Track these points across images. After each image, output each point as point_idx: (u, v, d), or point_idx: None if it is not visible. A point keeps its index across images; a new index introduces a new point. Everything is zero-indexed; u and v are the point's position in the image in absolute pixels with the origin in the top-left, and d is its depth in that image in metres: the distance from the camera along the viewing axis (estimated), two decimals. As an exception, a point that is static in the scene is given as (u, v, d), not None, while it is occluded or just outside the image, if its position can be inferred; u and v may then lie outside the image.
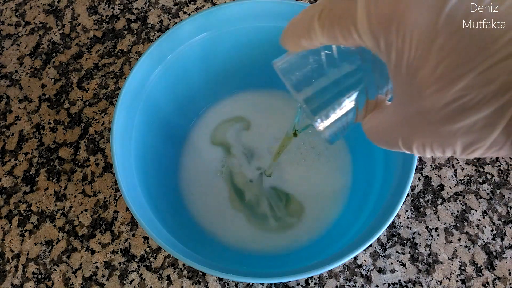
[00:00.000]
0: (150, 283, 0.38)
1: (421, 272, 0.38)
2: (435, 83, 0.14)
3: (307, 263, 0.29)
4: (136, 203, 0.30)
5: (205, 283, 0.38)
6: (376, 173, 0.36)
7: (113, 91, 0.46)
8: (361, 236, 0.29)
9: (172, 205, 0.39)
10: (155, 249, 0.39)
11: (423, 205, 0.40)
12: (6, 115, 0.46)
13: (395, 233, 0.39)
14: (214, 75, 0.41)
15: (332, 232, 0.38)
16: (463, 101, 0.14)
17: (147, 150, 0.36)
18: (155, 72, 0.35)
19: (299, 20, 0.19)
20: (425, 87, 0.15)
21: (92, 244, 0.40)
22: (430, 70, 0.14)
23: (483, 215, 0.40)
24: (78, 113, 0.45)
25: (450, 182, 0.41)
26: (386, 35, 0.15)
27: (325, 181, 0.41)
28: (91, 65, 0.48)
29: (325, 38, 0.18)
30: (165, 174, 0.40)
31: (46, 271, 0.39)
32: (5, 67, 0.48)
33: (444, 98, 0.14)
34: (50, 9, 0.51)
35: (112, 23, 0.50)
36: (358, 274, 0.38)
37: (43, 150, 0.44)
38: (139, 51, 0.48)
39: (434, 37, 0.14)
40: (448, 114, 0.15)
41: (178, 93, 0.39)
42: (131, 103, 0.33)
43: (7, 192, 0.43)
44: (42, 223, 0.41)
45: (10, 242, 0.41)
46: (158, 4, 0.50)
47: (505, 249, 0.38)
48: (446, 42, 0.14)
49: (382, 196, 0.32)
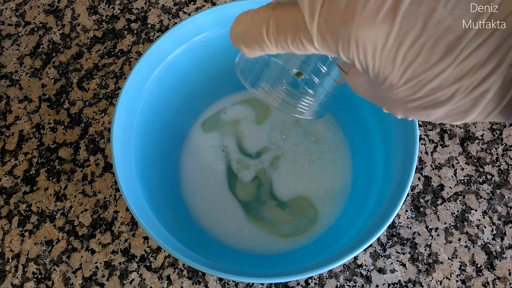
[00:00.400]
0: (150, 283, 0.38)
1: (421, 272, 0.38)
2: (405, 85, 0.15)
3: (307, 263, 0.29)
4: (136, 203, 0.30)
5: (205, 283, 0.38)
6: (376, 173, 0.36)
7: (113, 91, 0.46)
8: (361, 236, 0.29)
9: (172, 205, 0.39)
10: (155, 249, 0.39)
11: (423, 205, 0.40)
12: (6, 115, 0.46)
13: (395, 233, 0.39)
14: (214, 75, 0.41)
15: (332, 232, 0.38)
16: (434, 97, 0.15)
17: (147, 150, 0.36)
18: (155, 72, 0.35)
19: (246, 30, 0.18)
20: (396, 87, 0.15)
21: (92, 244, 0.40)
22: (398, 76, 0.15)
23: (483, 215, 0.40)
24: (78, 113, 0.45)
25: (450, 182, 0.41)
26: (344, 51, 0.15)
27: (325, 181, 0.41)
28: (91, 65, 0.48)
29: (280, 51, 0.17)
30: (165, 174, 0.40)
31: (46, 271, 0.39)
32: (5, 67, 0.48)
33: (416, 94, 0.15)
34: (50, 9, 0.51)
35: (112, 23, 0.50)
36: (358, 274, 0.38)
37: (43, 150, 0.44)
38: (139, 51, 0.48)
39: (397, 45, 0.14)
40: (421, 105, 0.15)
41: (178, 93, 0.39)
42: (131, 103, 0.33)
43: (7, 192, 0.43)
44: (42, 223, 0.41)
45: (10, 242, 0.41)
46: (158, 4, 0.50)
47: (505, 249, 0.38)
48: (409, 49, 0.14)
49: (382, 196, 0.32)
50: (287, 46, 0.16)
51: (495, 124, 0.43)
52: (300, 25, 0.15)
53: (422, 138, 0.43)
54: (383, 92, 0.16)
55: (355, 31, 0.14)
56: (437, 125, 0.43)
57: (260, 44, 0.17)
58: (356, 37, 0.14)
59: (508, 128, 0.43)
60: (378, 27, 0.14)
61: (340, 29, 0.14)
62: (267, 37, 0.17)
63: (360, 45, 0.14)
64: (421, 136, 0.43)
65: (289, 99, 0.22)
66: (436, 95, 0.14)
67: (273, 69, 0.21)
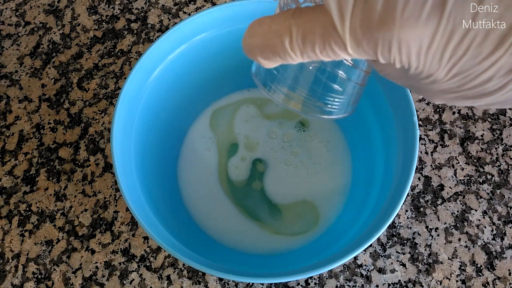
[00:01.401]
0: (150, 283, 0.38)
1: (421, 272, 0.38)
2: (452, 79, 0.14)
3: (307, 263, 0.29)
4: (136, 203, 0.30)
5: (205, 283, 0.38)
6: (376, 173, 0.36)
7: (113, 91, 0.46)
8: (361, 236, 0.29)
9: (172, 205, 0.39)
10: (155, 249, 0.39)
11: (423, 205, 0.40)
12: (6, 115, 0.46)
13: (395, 233, 0.39)
14: (214, 75, 0.41)
15: (332, 232, 0.38)
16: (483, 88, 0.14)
17: (147, 150, 0.36)
18: (155, 72, 0.35)
19: (264, 42, 0.16)
20: (440, 82, 0.14)
21: (92, 244, 0.40)
22: (444, 73, 0.14)
23: (483, 215, 0.40)
24: (78, 113, 0.45)
25: (450, 182, 0.41)
26: (384, 55, 0.14)
27: (325, 181, 0.41)
28: (91, 65, 0.48)
29: (305, 60, 0.16)
30: (165, 174, 0.40)
31: (46, 271, 0.39)
32: (5, 67, 0.48)
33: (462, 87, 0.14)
34: (50, 9, 0.51)
35: (112, 23, 0.50)
36: (358, 274, 0.38)
37: (43, 150, 0.44)
38: (139, 51, 0.48)
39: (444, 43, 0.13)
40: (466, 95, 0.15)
41: (178, 93, 0.39)
42: (131, 103, 0.33)
43: (7, 192, 0.43)
44: (42, 223, 0.41)
45: (10, 242, 0.41)
46: (158, 4, 0.50)
47: (505, 249, 0.38)
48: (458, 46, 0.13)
49: (382, 196, 0.32)
50: (314, 55, 0.15)
51: (495, 124, 0.43)
52: (329, 32, 0.14)
53: (422, 138, 0.43)
54: (422, 84, 0.15)
55: (397, 33, 0.13)
56: (437, 125, 0.43)
57: (282, 56, 0.16)
58: (398, 39, 0.13)
59: (508, 128, 0.43)
60: (424, 26, 0.13)
61: (378, 31, 0.13)
62: (291, 48, 0.15)
63: (403, 47, 0.13)
64: (421, 136, 0.43)
65: (314, 101, 0.20)
66: (485, 86, 0.14)
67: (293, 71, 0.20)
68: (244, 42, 0.17)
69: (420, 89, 0.16)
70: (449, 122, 0.43)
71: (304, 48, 0.15)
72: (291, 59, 0.16)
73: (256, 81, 0.21)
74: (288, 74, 0.20)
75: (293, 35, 0.15)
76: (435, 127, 0.43)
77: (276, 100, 0.20)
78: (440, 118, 0.43)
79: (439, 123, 0.43)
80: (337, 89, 0.19)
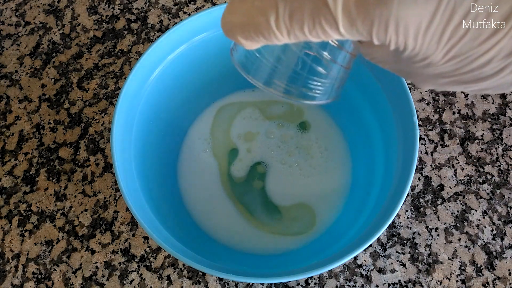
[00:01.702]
0: (150, 283, 0.38)
1: (421, 272, 0.38)
2: (448, 62, 0.13)
3: (307, 263, 0.29)
4: (136, 203, 0.30)
5: (205, 283, 0.38)
6: (376, 173, 0.36)
7: (113, 91, 0.46)
8: (361, 236, 0.29)
9: (172, 205, 0.39)
10: (155, 249, 0.39)
11: (423, 205, 0.40)
12: (6, 115, 0.46)
13: (395, 233, 0.39)
14: (214, 75, 0.41)
15: (332, 232, 0.38)
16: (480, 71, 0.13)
17: (147, 150, 0.36)
18: (155, 72, 0.35)
19: (246, 20, 0.15)
20: (436, 65, 0.14)
21: (92, 244, 0.40)
22: (441, 55, 0.13)
23: (483, 215, 0.40)
24: (78, 113, 0.45)
25: (450, 182, 0.41)
26: (379, 35, 0.13)
27: (325, 181, 0.41)
28: (91, 65, 0.48)
29: (292, 41, 0.15)
30: (165, 174, 0.40)
31: (46, 271, 0.39)
32: (5, 67, 0.48)
33: (458, 71, 0.14)
34: (50, 9, 0.51)
35: (112, 23, 0.50)
36: (358, 274, 0.38)
37: (43, 150, 0.44)
38: (139, 51, 0.48)
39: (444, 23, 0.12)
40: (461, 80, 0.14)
41: (179, 93, 0.39)
42: (131, 103, 0.33)
43: (7, 192, 0.43)
44: (42, 223, 0.41)
45: (10, 242, 0.41)
46: (158, 4, 0.50)
47: (505, 249, 0.38)
48: (458, 26, 0.12)
49: (382, 196, 0.32)
50: (302, 35, 0.14)
51: (495, 124, 0.43)
52: (320, 9, 0.13)
53: (422, 138, 0.43)
54: (414, 67, 0.14)
55: (395, 10, 0.12)
56: (437, 125, 0.43)
57: (266, 35, 0.15)
58: (396, 19, 0.12)
59: (508, 128, 0.43)
60: (424, 3, 0.12)
61: (375, 9, 0.12)
62: (277, 26, 0.14)
63: (400, 27, 0.12)
64: (421, 136, 0.43)
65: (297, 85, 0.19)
66: (482, 70, 0.13)
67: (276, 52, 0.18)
68: (223, 20, 0.16)
69: (409, 73, 0.15)
70: (449, 122, 0.43)
71: (291, 27, 0.14)
72: (276, 40, 0.15)
73: (234, 60, 0.19)
74: (269, 55, 0.18)
75: (280, 12, 0.14)
76: (435, 127, 0.43)
77: (256, 83, 0.19)
78: (440, 118, 0.43)
79: (439, 123, 0.43)
80: (321, 72, 0.18)
